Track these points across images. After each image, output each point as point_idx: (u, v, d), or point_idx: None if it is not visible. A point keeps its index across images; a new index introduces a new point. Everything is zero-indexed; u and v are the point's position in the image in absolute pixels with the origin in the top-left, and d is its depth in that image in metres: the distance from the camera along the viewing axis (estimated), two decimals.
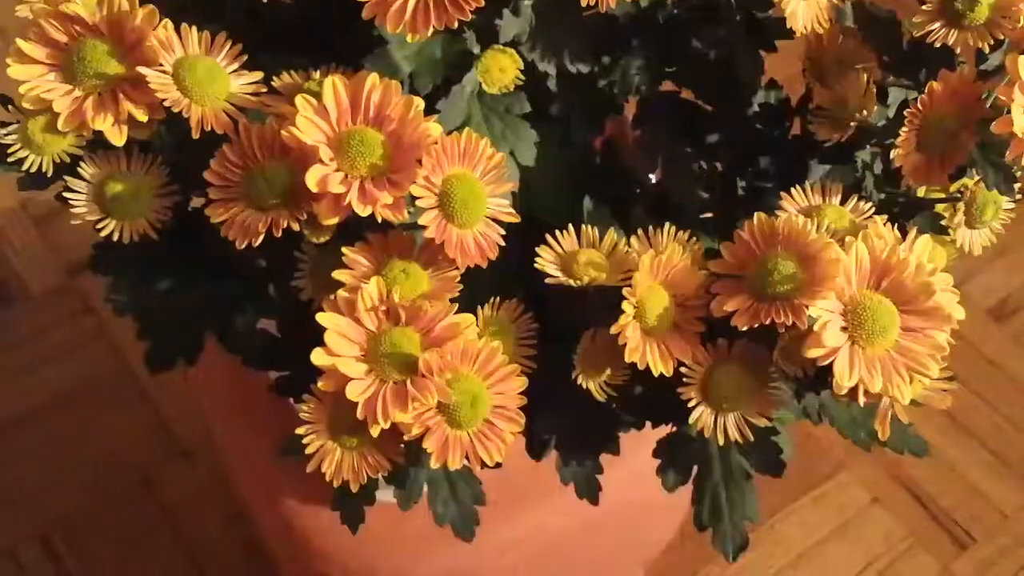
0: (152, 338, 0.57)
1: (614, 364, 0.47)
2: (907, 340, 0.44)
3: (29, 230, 1.30)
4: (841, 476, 1.14)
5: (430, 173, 0.44)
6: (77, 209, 0.46)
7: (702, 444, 0.53)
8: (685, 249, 0.46)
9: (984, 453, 1.16)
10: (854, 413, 0.51)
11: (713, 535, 0.52)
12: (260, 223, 0.44)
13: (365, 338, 0.44)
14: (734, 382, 0.46)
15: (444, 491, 0.53)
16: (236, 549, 1.08)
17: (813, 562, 1.08)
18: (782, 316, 0.43)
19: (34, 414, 1.17)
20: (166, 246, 0.52)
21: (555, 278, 0.46)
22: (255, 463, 0.81)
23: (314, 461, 0.45)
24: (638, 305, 0.45)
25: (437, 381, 0.43)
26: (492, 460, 0.45)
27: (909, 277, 0.44)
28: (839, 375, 0.43)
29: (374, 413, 0.43)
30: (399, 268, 0.45)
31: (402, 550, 0.76)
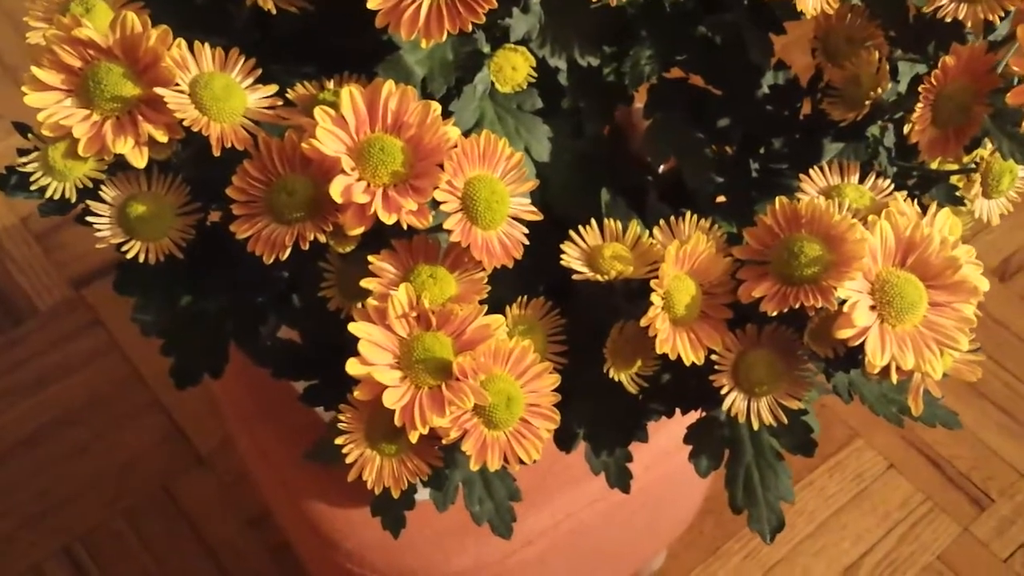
0: (177, 354, 0.57)
1: (644, 356, 0.48)
2: (935, 315, 0.45)
3: (32, 246, 1.30)
4: (856, 444, 1.15)
5: (452, 177, 0.44)
6: (101, 233, 0.46)
7: (732, 427, 0.54)
8: (709, 237, 0.47)
9: (996, 413, 1.17)
10: (884, 389, 0.51)
11: (749, 517, 0.53)
12: (287, 236, 0.44)
13: (397, 345, 0.44)
14: (766, 366, 0.46)
15: (479, 490, 0.53)
16: (262, 552, 1.08)
17: (833, 531, 1.09)
18: (811, 299, 0.44)
19: (50, 430, 1.17)
20: (188, 262, 0.52)
21: (582, 274, 0.46)
22: (280, 467, 0.81)
23: (355, 470, 0.45)
24: (666, 296, 0.46)
25: (472, 384, 0.43)
26: (530, 458, 0.45)
27: (934, 253, 0.45)
28: (871, 354, 0.43)
29: (412, 419, 0.43)
30: (426, 273, 0.45)
31: (431, 547, 0.77)
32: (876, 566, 1.07)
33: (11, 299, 1.26)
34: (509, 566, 0.78)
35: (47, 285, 1.27)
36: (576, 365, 0.49)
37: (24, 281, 1.28)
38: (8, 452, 1.15)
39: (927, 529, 1.09)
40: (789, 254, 0.45)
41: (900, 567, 1.07)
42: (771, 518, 0.52)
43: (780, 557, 1.08)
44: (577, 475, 0.80)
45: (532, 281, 0.50)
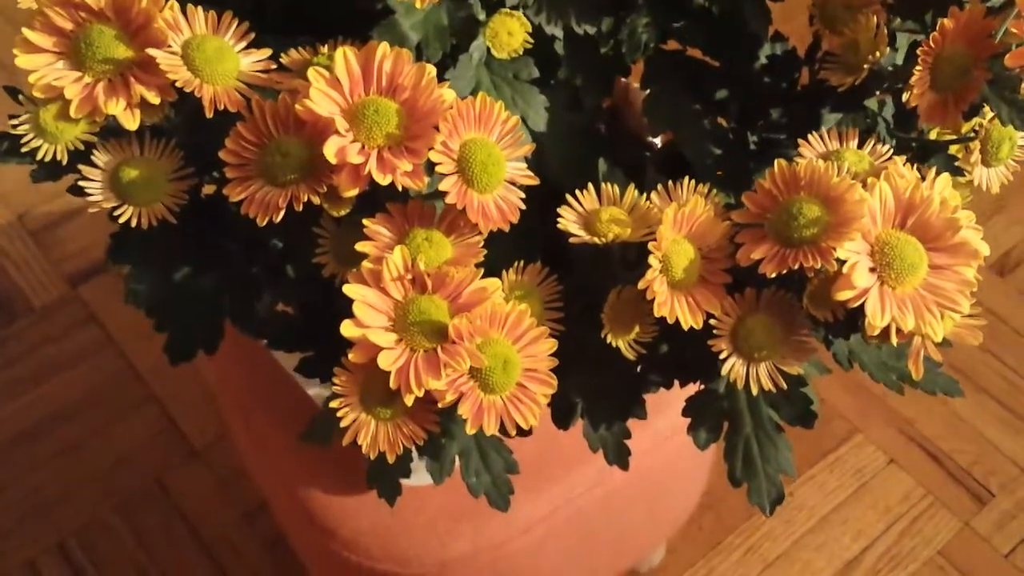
0: (171, 329, 0.57)
1: (642, 321, 0.47)
2: (935, 278, 0.44)
3: (28, 243, 1.30)
4: (856, 439, 1.14)
5: (447, 139, 0.44)
6: (93, 197, 0.46)
7: (731, 399, 0.53)
8: (707, 201, 0.46)
9: (996, 407, 1.16)
10: (883, 357, 0.51)
11: (748, 490, 0.52)
12: (280, 198, 0.44)
13: (392, 308, 0.44)
14: (765, 331, 0.46)
15: (476, 462, 0.53)
16: (257, 545, 1.07)
17: (834, 526, 1.09)
18: (810, 260, 0.43)
19: (44, 426, 1.16)
20: (182, 233, 0.52)
21: (578, 237, 0.46)
22: (275, 455, 0.80)
23: (349, 434, 0.44)
24: (664, 259, 0.45)
25: (468, 346, 0.43)
26: (527, 423, 0.45)
27: (934, 214, 0.44)
28: (871, 315, 0.43)
29: (407, 382, 0.42)
30: (422, 236, 0.45)
31: (427, 533, 0.76)
32: (877, 561, 1.06)
33: (6, 296, 1.26)
34: (506, 552, 0.77)
35: (43, 282, 1.27)
36: (574, 334, 0.48)
37: (20, 278, 1.27)
38: (2, 448, 1.14)
39: (928, 524, 1.09)
40: (788, 216, 0.44)
41: (901, 562, 1.06)
42: (771, 490, 0.52)
43: (780, 552, 1.07)
44: (574, 461, 0.79)
45: (529, 252, 0.50)
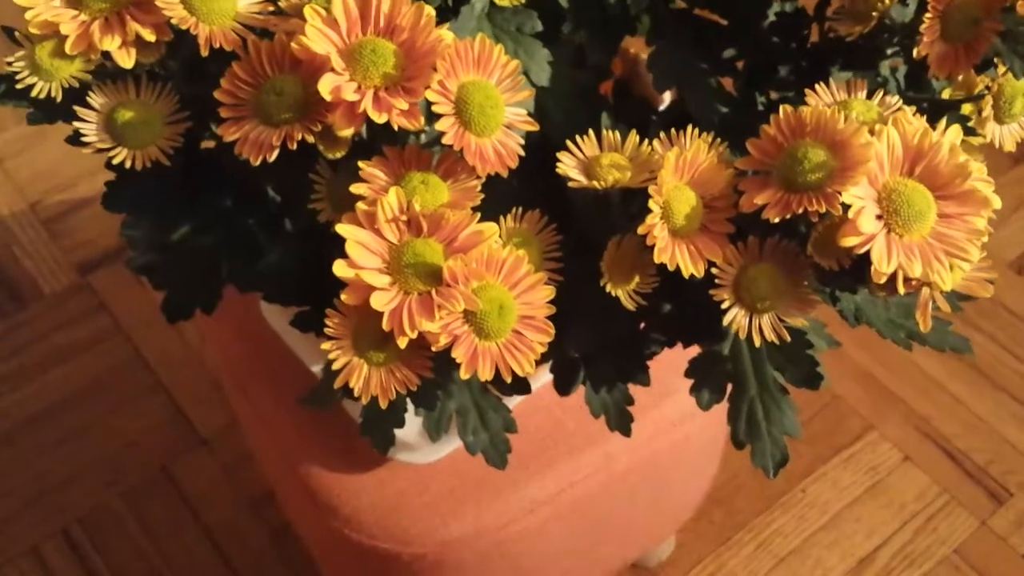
0: (169, 288, 0.56)
1: (642, 271, 0.46)
2: (944, 226, 0.43)
3: (39, 232, 1.30)
4: (870, 436, 1.12)
5: (444, 78, 0.43)
6: (87, 138, 0.45)
7: (736, 361, 0.52)
8: (710, 148, 0.45)
9: (1015, 406, 1.14)
10: (891, 314, 0.49)
11: (752, 452, 0.51)
12: (274, 137, 0.43)
13: (387, 250, 0.43)
14: (768, 281, 0.45)
15: (473, 420, 0.52)
16: (261, 533, 1.06)
17: (847, 523, 1.07)
18: (815, 205, 0.42)
19: (51, 412, 1.16)
20: (179, 185, 0.52)
21: (577, 182, 0.45)
22: (278, 434, 0.80)
23: (341, 378, 0.43)
24: (665, 205, 0.44)
25: (463, 289, 0.42)
26: (523, 370, 0.44)
27: (943, 161, 0.43)
28: (877, 260, 0.42)
29: (400, 324, 0.42)
30: (418, 179, 0.44)
31: (429, 512, 0.75)
32: (891, 559, 1.04)
33: (17, 283, 1.26)
34: (509, 534, 0.76)
35: (53, 270, 1.27)
36: (573, 288, 0.47)
37: (31, 265, 1.27)
38: (9, 433, 1.14)
39: (944, 522, 1.06)
40: (793, 160, 0.43)
41: (916, 560, 1.04)
42: (775, 453, 0.51)
43: (792, 548, 1.05)
44: (578, 444, 0.78)
45: (529, 206, 0.49)
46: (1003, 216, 1.28)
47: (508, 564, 0.80)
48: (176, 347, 1.20)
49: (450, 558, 0.76)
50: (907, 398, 1.14)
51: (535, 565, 0.82)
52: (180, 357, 1.19)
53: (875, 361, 1.17)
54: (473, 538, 0.75)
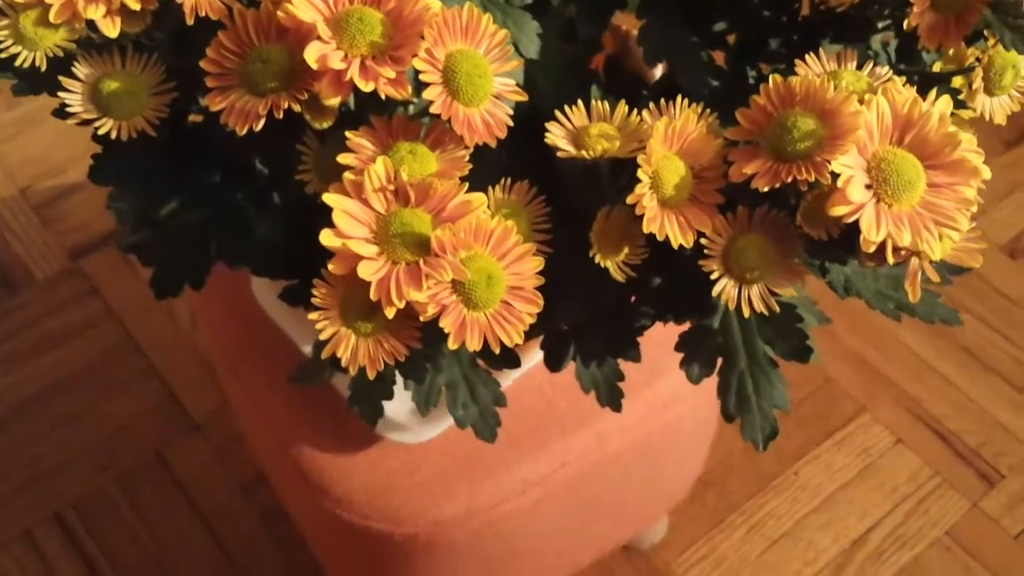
0: (156, 264, 0.56)
1: (631, 241, 0.46)
2: (933, 196, 0.43)
3: (30, 217, 1.30)
4: (862, 418, 1.12)
5: (432, 47, 0.43)
6: (73, 108, 0.45)
7: (726, 335, 0.52)
8: (700, 118, 0.45)
9: (1006, 388, 1.14)
10: (880, 286, 0.49)
11: (742, 425, 0.51)
12: (260, 106, 0.43)
13: (374, 220, 0.43)
14: (757, 252, 0.45)
15: (463, 394, 0.51)
16: (254, 517, 1.06)
17: (840, 505, 1.07)
18: (804, 173, 0.42)
19: (44, 397, 1.16)
20: (166, 157, 0.51)
21: (566, 152, 0.45)
22: (270, 415, 0.80)
23: (329, 347, 0.43)
24: (654, 176, 0.44)
25: (451, 259, 0.42)
26: (511, 341, 0.43)
27: (932, 130, 0.43)
28: (866, 229, 0.41)
29: (388, 293, 0.41)
30: (406, 149, 0.44)
31: (421, 492, 0.75)
32: (883, 541, 1.04)
33: (9, 268, 1.25)
34: (501, 513, 0.76)
35: (45, 255, 1.26)
36: (562, 259, 0.47)
37: (22, 251, 1.27)
38: (2, 419, 1.14)
39: (935, 504, 1.07)
40: (782, 129, 0.43)
41: (907, 542, 1.04)
42: (764, 426, 0.51)
43: (784, 531, 1.05)
44: (571, 424, 0.78)
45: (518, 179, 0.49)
46: (995, 200, 1.28)
47: (500, 544, 0.80)
48: (168, 331, 1.20)
49: (442, 538, 0.76)
50: (899, 380, 1.14)
51: (528, 545, 0.82)
52: (172, 341, 1.19)
53: (867, 344, 1.17)
54: (465, 518, 0.75)
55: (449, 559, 0.79)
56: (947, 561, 1.03)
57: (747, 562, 1.03)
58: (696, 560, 1.03)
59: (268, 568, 1.05)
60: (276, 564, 1.04)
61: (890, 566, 1.02)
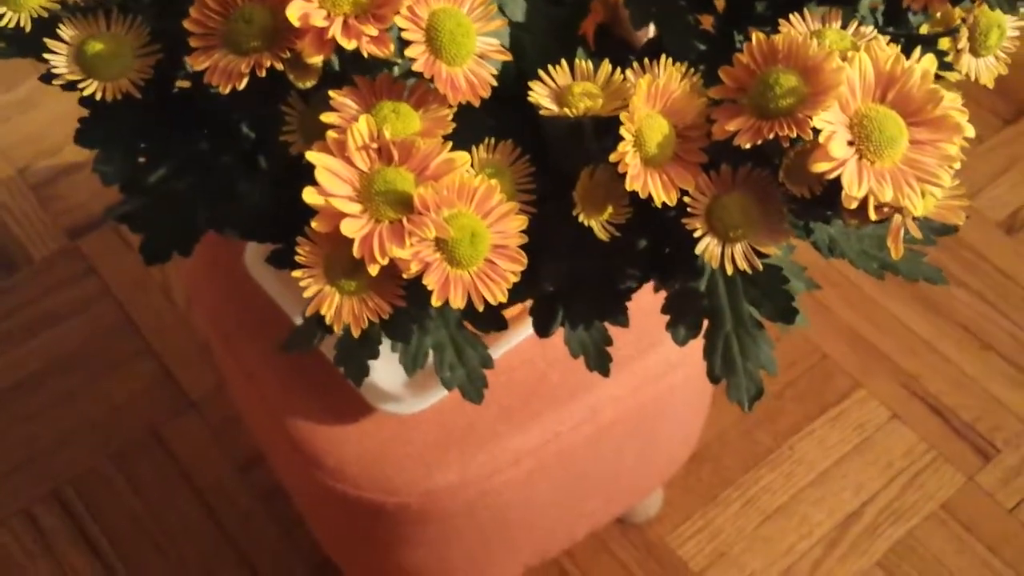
0: (145, 230, 0.56)
1: (615, 200, 0.46)
2: (916, 153, 0.43)
3: (28, 197, 1.30)
4: (858, 394, 1.12)
5: (415, 5, 0.43)
6: (58, 70, 0.45)
7: (712, 297, 0.52)
8: (683, 78, 0.45)
9: (1003, 364, 1.14)
10: (864, 246, 0.49)
11: (728, 386, 0.51)
12: (243, 65, 0.43)
13: (357, 178, 0.43)
14: (740, 210, 0.45)
15: (450, 356, 0.52)
16: (251, 494, 1.07)
17: (835, 480, 1.07)
18: (786, 130, 0.42)
19: (41, 376, 1.16)
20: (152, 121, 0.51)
21: (549, 110, 0.45)
22: (264, 388, 0.80)
23: (313, 305, 0.43)
24: (637, 134, 0.44)
25: (434, 217, 0.42)
26: (495, 299, 0.44)
27: (915, 86, 0.43)
28: (848, 185, 0.41)
29: (371, 250, 0.42)
30: (389, 108, 0.44)
31: (413, 462, 0.75)
32: (878, 515, 1.05)
33: (6, 248, 1.26)
34: (494, 484, 0.76)
35: (42, 235, 1.27)
36: (548, 220, 0.47)
37: (19, 231, 1.27)
38: (0, 397, 1.15)
39: (931, 479, 1.07)
40: (765, 87, 0.43)
41: (903, 516, 1.04)
42: (750, 387, 0.51)
43: (779, 505, 1.05)
44: (563, 397, 0.78)
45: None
46: (993, 176, 1.28)
47: (493, 515, 0.80)
48: (165, 311, 1.20)
49: (435, 508, 0.76)
50: (895, 357, 1.15)
51: (521, 516, 0.83)
52: (169, 321, 1.19)
53: (864, 320, 1.17)
54: (458, 488, 0.75)
55: (442, 529, 0.79)
56: (942, 534, 1.03)
57: (742, 535, 1.03)
58: (691, 534, 1.03)
59: (266, 545, 1.05)
60: (274, 541, 1.05)
61: (885, 539, 1.03)
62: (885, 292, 1.19)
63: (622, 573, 1.01)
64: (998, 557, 1.01)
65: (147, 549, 1.05)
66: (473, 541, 0.83)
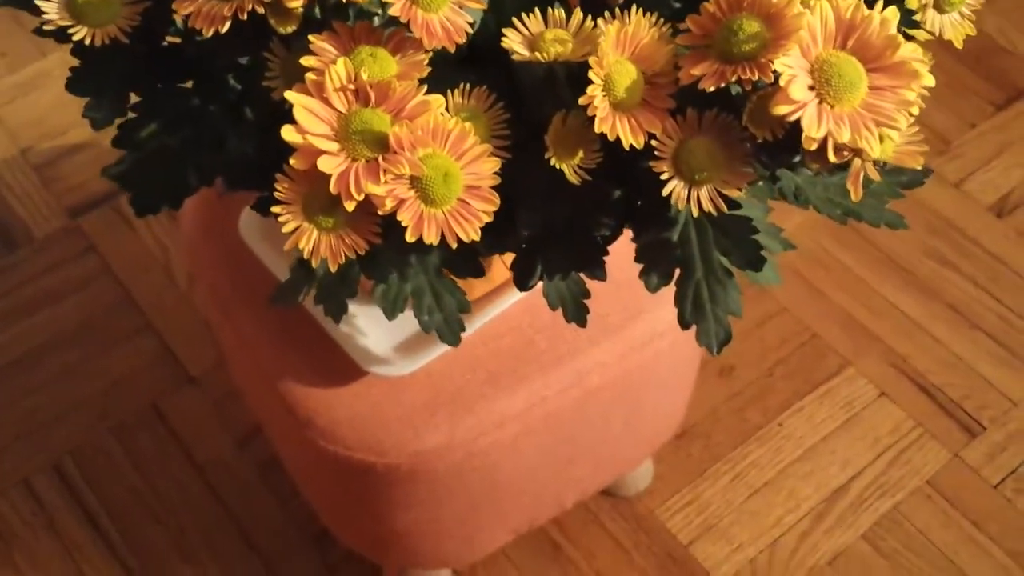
0: (136, 184, 0.58)
1: (586, 145, 0.48)
2: (875, 98, 0.45)
3: (31, 177, 1.32)
4: (847, 372, 1.14)
5: None
6: (48, 16, 0.47)
7: (684, 247, 0.53)
8: (652, 26, 0.47)
9: (990, 344, 1.15)
10: (829, 194, 0.51)
11: (697, 332, 0.53)
12: (225, 8, 0.45)
13: (335, 119, 0.44)
14: (706, 153, 0.46)
15: (429, 300, 0.53)
16: (250, 469, 1.09)
17: (822, 455, 1.08)
18: (748, 73, 0.44)
19: (43, 351, 1.18)
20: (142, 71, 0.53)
21: (520, 55, 0.47)
22: (258, 353, 0.81)
23: (291, 240, 0.45)
24: (606, 79, 0.46)
25: (408, 155, 0.44)
26: (468, 236, 0.45)
27: (874, 33, 0.45)
28: (807, 127, 0.43)
29: (347, 187, 0.43)
30: (367, 52, 0.46)
31: (402, 424, 0.77)
32: (864, 489, 1.06)
33: (8, 227, 1.28)
34: (481, 446, 0.78)
35: (44, 214, 1.29)
36: (523, 168, 0.49)
37: (22, 210, 1.29)
38: (1, 372, 1.16)
39: (917, 455, 1.08)
40: (729, 32, 0.45)
41: (889, 491, 1.06)
42: (719, 332, 0.52)
43: (767, 479, 1.07)
44: (549, 362, 0.80)
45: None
46: (984, 161, 1.30)
47: (481, 477, 0.82)
48: (166, 289, 1.22)
49: (423, 469, 0.78)
50: (885, 337, 1.16)
51: (508, 480, 0.84)
52: (169, 298, 1.21)
53: (856, 303, 1.19)
54: (445, 450, 0.77)
55: (431, 491, 0.81)
56: (927, 509, 1.04)
57: (730, 508, 1.04)
58: (680, 507, 1.05)
59: (264, 517, 1.07)
60: (272, 513, 1.07)
61: (871, 513, 1.04)
62: (879, 276, 1.20)
63: (611, 544, 1.03)
64: (982, 532, 1.03)
65: (145, 521, 1.07)
66: (462, 504, 0.84)
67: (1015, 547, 1.02)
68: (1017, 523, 1.03)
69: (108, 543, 1.05)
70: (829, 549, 1.02)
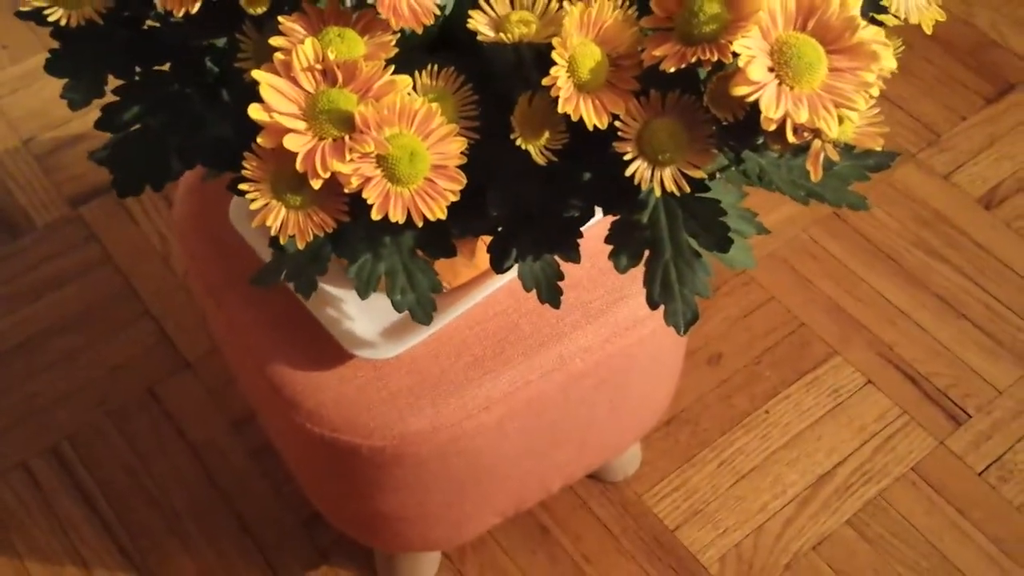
0: (118, 165, 0.59)
1: (551, 126, 0.49)
2: (834, 79, 0.46)
3: (32, 167, 1.33)
4: (834, 360, 1.15)
5: None
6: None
7: (654, 229, 0.54)
8: (616, 8, 0.48)
9: (977, 333, 1.16)
10: (793, 176, 0.52)
11: (665, 311, 0.54)
12: None
13: (303, 98, 0.45)
14: (668, 134, 0.47)
15: (402, 281, 0.54)
16: (244, 451, 1.10)
17: (808, 442, 1.09)
18: (707, 54, 0.45)
19: (42, 337, 1.19)
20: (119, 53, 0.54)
21: (486, 36, 0.48)
22: (248, 337, 0.83)
23: (259, 217, 0.46)
24: (570, 60, 0.47)
25: (374, 134, 0.45)
26: (434, 215, 0.46)
27: (834, 15, 0.46)
28: (765, 107, 0.44)
29: (313, 165, 0.44)
30: (335, 32, 0.47)
31: (387, 407, 0.78)
32: (849, 476, 1.07)
33: (10, 215, 1.29)
34: (466, 429, 0.79)
35: (45, 203, 1.30)
36: (493, 150, 0.50)
37: (24, 199, 1.31)
38: (1, 357, 1.18)
39: (902, 442, 1.09)
40: (690, 14, 0.46)
41: (874, 477, 1.07)
42: (686, 312, 0.53)
43: (753, 466, 1.08)
44: (533, 346, 0.81)
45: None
46: (973, 153, 1.30)
47: (466, 460, 0.83)
48: (164, 277, 1.24)
49: (408, 451, 0.79)
50: (872, 326, 1.17)
51: (492, 463, 0.85)
52: (168, 287, 1.23)
53: (844, 293, 1.19)
54: (430, 432, 0.78)
55: (417, 473, 0.82)
56: (912, 495, 1.05)
57: (717, 494, 1.05)
58: (667, 492, 1.06)
59: (257, 500, 1.08)
60: (265, 496, 1.08)
61: (856, 499, 1.05)
62: (866, 265, 1.21)
63: (599, 529, 1.04)
64: (967, 518, 1.03)
65: (141, 502, 1.08)
66: (448, 487, 0.86)
67: (998, 533, 1.03)
68: (1001, 510, 1.04)
69: (104, 523, 1.07)
70: (814, 534, 1.03)
